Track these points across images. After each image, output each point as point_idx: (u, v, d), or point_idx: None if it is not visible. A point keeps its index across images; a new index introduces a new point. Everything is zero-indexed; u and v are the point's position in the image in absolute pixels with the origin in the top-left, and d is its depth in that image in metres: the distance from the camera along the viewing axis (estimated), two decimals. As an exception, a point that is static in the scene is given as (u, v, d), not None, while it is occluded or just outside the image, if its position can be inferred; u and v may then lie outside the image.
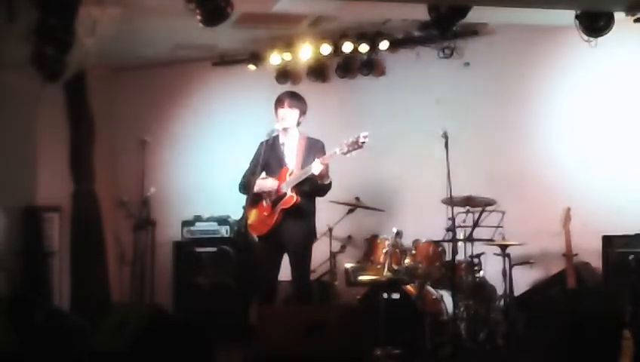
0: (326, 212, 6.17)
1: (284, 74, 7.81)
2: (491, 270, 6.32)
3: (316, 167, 5.26)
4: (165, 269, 7.63)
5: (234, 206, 5.86)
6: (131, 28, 6.66)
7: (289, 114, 5.56)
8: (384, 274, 6.08)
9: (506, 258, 6.10)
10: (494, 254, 6.22)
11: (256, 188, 5.49)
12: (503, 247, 6.10)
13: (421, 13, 5.66)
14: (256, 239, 5.59)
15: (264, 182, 5.50)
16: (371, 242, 6.39)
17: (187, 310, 7.31)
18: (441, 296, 6.04)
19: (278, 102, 5.61)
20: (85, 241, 7.71)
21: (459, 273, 6.11)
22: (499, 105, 7.02)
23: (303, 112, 5.62)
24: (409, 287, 5.97)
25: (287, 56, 7.65)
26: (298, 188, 5.42)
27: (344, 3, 6.12)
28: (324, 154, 5.40)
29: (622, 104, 6.56)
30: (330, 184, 5.44)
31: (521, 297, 6.35)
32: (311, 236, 5.60)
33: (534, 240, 6.36)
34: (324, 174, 5.34)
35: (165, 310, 5.23)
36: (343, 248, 6.93)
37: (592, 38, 5.65)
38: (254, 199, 5.51)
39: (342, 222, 6.79)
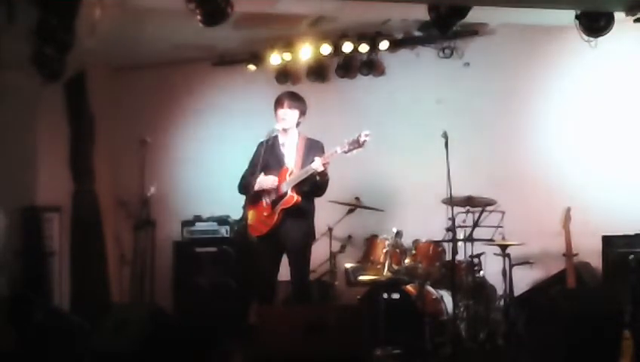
0: (326, 212, 6.18)
1: (284, 74, 7.81)
2: (491, 270, 6.32)
3: (317, 165, 5.26)
4: (165, 269, 7.63)
5: (234, 206, 5.86)
6: (131, 28, 6.67)
7: (289, 114, 5.56)
8: (384, 274, 6.09)
9: (506, 258, 6.10)
10: (494, 254, 6.23)
11: (256, 186, 5.48)
12: (503, 247, 6.11)
13: (421, 13, 5.66)
14: (256, 239, 5.58)
15: (264, 180, 5.50)
16: (371, 242, 6.39)
17: (187, 310, 7.31)
18: (441, 296, 6.04)
19: (278, 103, 5.60)
20: (85, 241, 7.71)
21: (459, 273, 6.11)
22: (499, 105, 7.02)
23: (302, 113, 5.62)
24: (409, 287, 5.97)
25: (287, 56, 7.65)
26: (298, 188, 5.42)
27: (344, 3, 6.12)
28: (324, 154, 5.40)
29: (622, 104, 6.56)
30: (327, 181, 5.44)
31: (521, 297, 6.35)
32: (310, 236, 5.60)
33: (534, 240, 6.36)
34: (324, 173, 5.34)
35: (165, 310, 5.22)
36: (343, 248, 6.93)
37: (592, 38, 5.66)
38: (254, 199, 5.51)
39: (342, 222, 6.79)
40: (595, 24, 5.58)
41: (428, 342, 5.69)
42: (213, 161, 8.03)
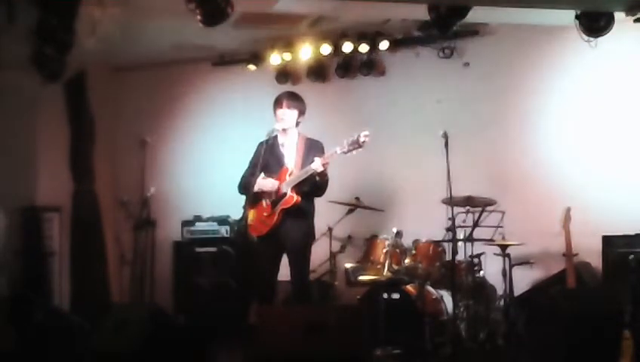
0: (326, 212, 6.18)
1: (284, 74, 7.81)
2: (491, 270, 6.32)
3: (317, 165, 5.27)
4: (165, 269, 7.63)
5: (234, 206, 5.86)
6: (131, 28, 6.67)
7: (288, 114, 5.56)
8: (384, 274, 6.08)
9: (506, 258, 6.10)
10: (494, 254, 6.22)
11: (256, 188, 5.49)
12: (503, 247, 6.11)
13: (421, 13, 5.66)
14: (256, 239, 5.58)
15: (264, 182, 5.50)
16: (371, 242, 6.38)
17: (187, 310, 7.31)
18: (441, 296, 6.04)
19: (277, 103, 5.61)
20: (85, 241, 7.71)
21: (459, 273, 6.11)
22: (499, 105, 7.02)
23: (301, 112, 5.62)
24: (409, 287, 5.97)
25: (287, 56, 7.65)
26: (298, 188, 5.43)
27: (344, 3, 6.12)
28: (324, 154, 5.40)
29: (622, 104, 6.56)
30: (327, 182, 5.45)
31: (521, 297, 6.35)
32: (310, 236, 5.60)
33: (534, 240, 6.36)
34: (324, 173, 5.34)
35: (165, 310, 5.23)
36: (343, 248, 6.92)
37: (592, 38, 5.65)
38: (254, 199, 5.51)
39: (342, 222, 6.78)
40: (595, 24, 5.57)
41: (428, 342, 5.69)
42: (213, 160, 8.03)
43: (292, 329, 4.56)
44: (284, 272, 5.56)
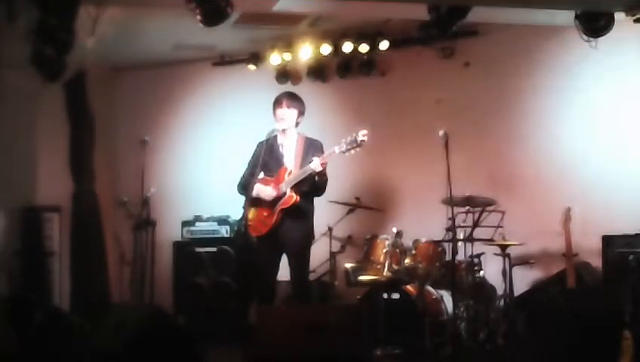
0: (326, 212, 6.18)
1: (284, 74, 7.81)
2: (491, 270, 6.32)
3: (315, 165, 5.27)
4: (165, 269, 7.63)
5: (234, 206, 5.86)
6: (131, 28, 6.67)
7: (287, 114, 5.57)
8: (384, 274, 6.08)
9: (506, 258, 6.10)
10: (494, 254, 6.22)
11: (254, 193, 5.49)
12: (503, 247, 6.11)
13: (421, 13, 5.66)
14: (256, 239, 5.58)
15: (263, 189, 5.49)
16: (371, 242, 6.38)
17: (187, 310, 7.31)
18: (441, 296, 6.04)
19: (277, 103, 5.61)
20: (85, 241, 7.71)
21: (459, 273, 6.11)
22: (499, 105, 7.02)
23: (301, 113, 5.62)
24: (409, 287, 5.97)
25: (287, 56, 7.65)
26: (297, 187, 5.43)
27: (344, 3, 6.12)
28: (323, 154, 5.41)
29: (622, 104, 6.56)
30: (326, 181, 5.45)
31: (521, 297, 6.35)
32: (310, 236, 5.60)
33: (534, 240, 6.36)
34: (322, 173, 5.35)
35: (165, 310, 5.23)
36: (343, 248, 6.91)
37: (592, 39, 5.65)
38: (254, 199, 5.51)
39: (342, 222, 6.78)
40: (595, 24, 5.57)
41: (428, 342, 5.69)
42: (213, 160, 8.04)
43: (292, 329, 4.56)
44: (284, 272, 5.57)
